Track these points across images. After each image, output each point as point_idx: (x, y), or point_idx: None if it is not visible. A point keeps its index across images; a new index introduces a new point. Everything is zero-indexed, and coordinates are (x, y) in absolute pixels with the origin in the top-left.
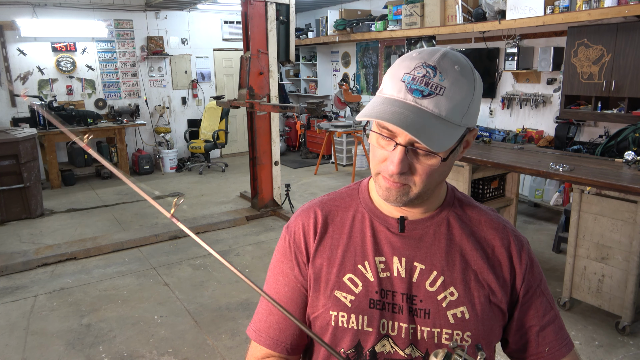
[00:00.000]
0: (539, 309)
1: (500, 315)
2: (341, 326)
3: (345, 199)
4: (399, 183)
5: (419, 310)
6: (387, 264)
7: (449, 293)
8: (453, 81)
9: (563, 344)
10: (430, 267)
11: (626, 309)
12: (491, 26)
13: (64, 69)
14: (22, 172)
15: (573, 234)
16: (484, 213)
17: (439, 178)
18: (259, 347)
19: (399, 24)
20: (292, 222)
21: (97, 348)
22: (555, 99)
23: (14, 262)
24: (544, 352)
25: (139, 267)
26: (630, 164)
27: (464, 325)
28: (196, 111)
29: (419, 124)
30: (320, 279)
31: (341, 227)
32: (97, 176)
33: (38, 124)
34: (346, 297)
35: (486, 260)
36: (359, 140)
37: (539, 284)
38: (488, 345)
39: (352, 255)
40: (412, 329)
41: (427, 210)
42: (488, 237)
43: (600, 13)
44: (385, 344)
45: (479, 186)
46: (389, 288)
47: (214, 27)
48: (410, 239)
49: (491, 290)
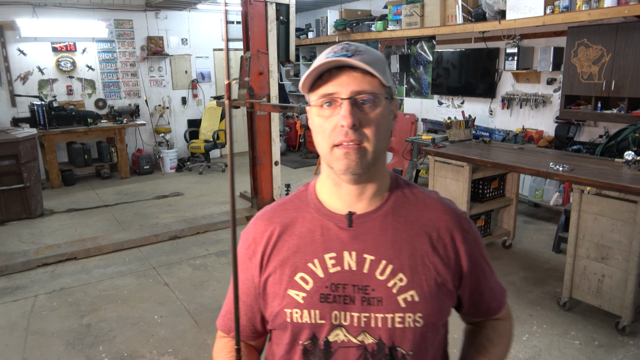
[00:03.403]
0: (485, 274)
1: (448, 293)
2: (296, 322)
3: (295, 202)
4: (355, 143)
5: (372, 299)
6: (338, 259)
7: (399, 279)
8: (366, 49)
9: (503, 292)
10: (379, 257)
11: (626, 309)
12: (491, 26)
13: (64, 69)
14: (22, 172)
15: (573, 234)
16: (427, 196)
17: (385, 134)
18: (219, 332)
19: (399, 24)
20: (247, 229)
21: (97, 348)
22: (555, 99)
23: (14, 262)
24: (492, 306)
25: (139, 267)
26: (630, 164)
27: (414, 308)
28: (196, 111)
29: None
30: (275, 281)
31: (292, 230)
32: (97, 176)
33: (38, 124)
34: (298, 294)
35: (431, 243)
36: None
37: (481, 252)
38: (440, 322)
39: (303, 255)
40: (365, 317)
41: (374, 201)
42: (432, 219)
43: (600, 13)
44: (339, 334)
45: (479, 186)
46: (340, 281)
47: (214, 27)
48: (358, 233)
49: (437, 271)
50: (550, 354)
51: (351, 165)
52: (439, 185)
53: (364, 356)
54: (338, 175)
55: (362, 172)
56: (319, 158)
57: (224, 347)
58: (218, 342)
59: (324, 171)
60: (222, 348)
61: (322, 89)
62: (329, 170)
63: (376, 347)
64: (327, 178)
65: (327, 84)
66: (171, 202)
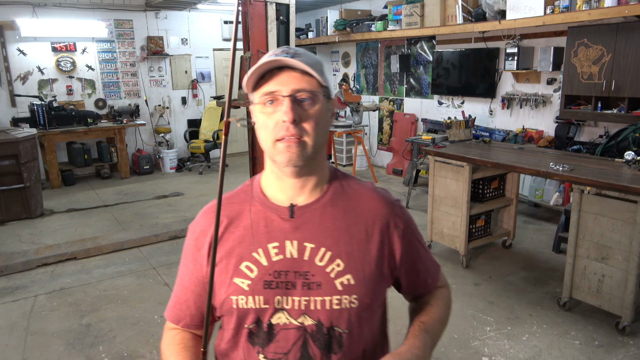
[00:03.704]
0: (419, 255)
1: (383, 276)
2: (242, 307)
3: (240, 196)
4: (296, 137)
5: (312, 284)
6: (281, 247)
7: (336, 265)
8: (304, 52)
9: (437, 268)
10: (319, 245)
11: (626, 309)
12: (491, 26)
13: (64, 69)
14: (22, 172)
15: (573, 234)
16: (362, 187)
17: (324, 129)
18: (167, 322)
19: (399, 24)
20: (195, 222)
21: (97, 348)
22: (555, 99)
23: (14, 262)
24: (429, 283)
25: (139, 267)
26: (630, 164)
27: (350, 290)
28: (196, 111)
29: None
30: (221, 270)
31: (238, 222)
32: (97, 176)
33: (38, 124)
34: (243, 282)
35: (366, 231)
36: (359, 140)
37: (414, 235)
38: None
39: (248, 245)
40: (306, 301)
41: (314, 193)
42: (367, 208)
43: (600, 13)
44: (281, 317)
45: (479, 186)
46: (282, 269)
47: (214, 27)
48: (300, 223)
49: (372, 256)
50: (550, 354)
51: (293, 158)
52: (439, 185)
53: (304, 337)
54: (280, 169)
55: (302, 164)
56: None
57: (173, 339)
58: (167, 333)
59: (268, 166)
60: (172, 340)
61: (265, 88)
62: (272, 164)
63: (315, 328)
64: (271, 173)
65: (269, 82)
66: (171, 202)
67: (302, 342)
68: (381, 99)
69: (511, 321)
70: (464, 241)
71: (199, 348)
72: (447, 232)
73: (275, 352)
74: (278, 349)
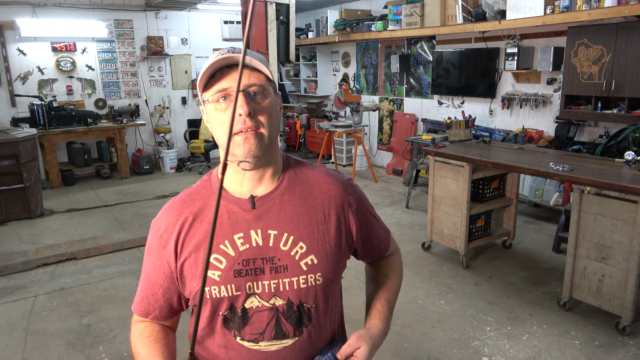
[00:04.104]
0: (372, 225)
1: (342, 251)
2: (215, 297)
3: (200, 192)
4: (252, 129)
5: (279, 267)
6: (246, 237)
7: (299, 247)
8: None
9: (387, 234)
10: (281, 231)
11: (626, 309)
12: (491, 26)
13: (64, 69)
14: (22, 172)
15: (573, 234)
16: (315, 172)
17: (276, 120)
18: (135, 316)
19: (399, 24)
20: (158, 220)
21: (97, 348)
22: (555, 99)
23: (14, 262)
24: (382, 249)
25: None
26: (630, 164)
27: (314, 269)
28: (196, 111)
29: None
30: (190, 264)
31: (201, 217)
32: (97, 176)
33: (38, 124)
34: (214, 273)
35: (323, 212)
36: (359, 140)
37: (366, 208)
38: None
39: (215, 238)
40: (275, 283)
41: (272, 183)
42: (322, 191)
43: (600, 13)
44: (253, 300)
45: (479, 186)
46: (250, 257)
47: (214, 27)
48: (261, 213)
49: (331, 235)
50: (550, 354)
51: (252, 149)
52: (439, 185)
53: (276, 316)
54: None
55: (260, 154)
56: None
57: (142, 332)
58: (136, 326)
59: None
60: (141, 332)
61: (217, 85)
62: (231, 159)
63: (286, 307)
64: (230, 167)
65: (221, 80)
66: None
67: (275, 320)
68: (381, 99)
69: (511, 321)
70: (464, 241)
71: (168, 339)
72: (447, 232)
73: (251, 334)
74: (253, 330)
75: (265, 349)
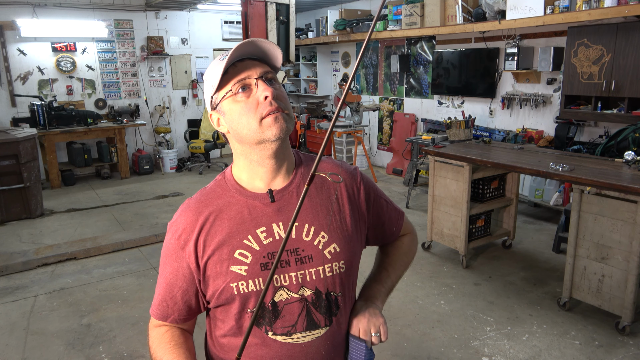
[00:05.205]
0: (382, 207)
1: (359, 236)
2: (243, 292)
3: (217, 191)
4: (280, 109)
5: (304, 258)
6: (269, 231)
7: (321, 237)
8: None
9: (399, 216)
10: (302, 222)
11: (626, 309)
12: (491, 26)
13: (64, 69)
14: (22, 172)
15: (573, 234)
16: (324, 163)
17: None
18: (153, 319)
19: (399, 24)
20: (176, 221)
21: (97, 348)
22: (555, 99)
23: (14, 262)
24: (394, 231)
25: (139, 267)
26: (630, 164)
27: (337, 257)
28: (196, 111)
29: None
30: (215, 262)
31: (223, 215)
32: (97, 176)
33: (38, 124)
34: (240, 268)
35: (338, 202)
36: (359, 140)
37: (375, 192)
38: (357, 263)
39: (237, 234)
40: (301, 274)
41: (287, 177)
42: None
43: (600, 13)
44: (282, 293)
45: (479, 186)
46: (274, 250)
47: (214, 27)
48: (280, 206)
49: (348, 223)
50: (550, 354)
51: (283, 128)
52: (439, 185)
53: (306, 307)
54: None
55: (286, 136)
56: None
57: (163, 337)
58: (155, 331)
59: (242, 157)
60: (162, 338)
61: (234, 79)
62: (251, 151)
63: (314, 297)
64: (248, 162)
65: (237, 73)
66: (171, 202)
67: (306, 311)
68: (381, 99)
69: (511, 321)
70: (464, 241)
71: (189, 344)
72: (447, 232)
73: (283, 327)
74: (285, 322)
75: (299, 341)
